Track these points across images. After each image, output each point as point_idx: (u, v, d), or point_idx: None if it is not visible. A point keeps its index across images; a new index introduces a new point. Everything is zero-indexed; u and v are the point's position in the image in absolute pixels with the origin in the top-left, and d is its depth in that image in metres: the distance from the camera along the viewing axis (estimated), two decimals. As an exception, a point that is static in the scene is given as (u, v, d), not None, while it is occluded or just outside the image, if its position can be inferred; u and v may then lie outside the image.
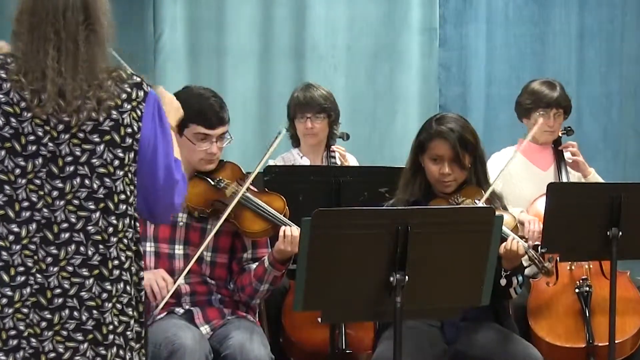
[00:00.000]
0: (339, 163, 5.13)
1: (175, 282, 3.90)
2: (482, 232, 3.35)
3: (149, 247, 4.02)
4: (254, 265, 4.04)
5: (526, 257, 3.88)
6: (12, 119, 2.73)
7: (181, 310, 4.00)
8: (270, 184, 4.26)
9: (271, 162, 4.73)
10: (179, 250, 4.02)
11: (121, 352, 2.80)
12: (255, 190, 4.10)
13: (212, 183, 4.04)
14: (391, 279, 3.22)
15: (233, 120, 4.12)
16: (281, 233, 3.92)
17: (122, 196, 2.80)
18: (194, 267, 3.98)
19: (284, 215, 4.01)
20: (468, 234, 3.36)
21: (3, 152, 2.73)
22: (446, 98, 6.54)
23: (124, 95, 2.79)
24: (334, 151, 5.16)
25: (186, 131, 3.97)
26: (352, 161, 5.27)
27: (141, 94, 2.82)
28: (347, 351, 4.47)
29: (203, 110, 3.97)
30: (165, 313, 3.97)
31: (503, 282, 3.92)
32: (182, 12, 6.31)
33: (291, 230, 3.91)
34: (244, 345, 3.83)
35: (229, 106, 4.08)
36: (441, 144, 4.00)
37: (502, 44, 6.52)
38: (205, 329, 3.96)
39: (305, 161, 5.11)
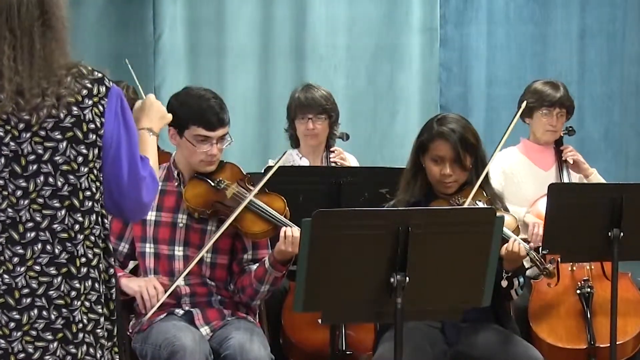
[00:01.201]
0: (339, 163, 5.11)
1: (173, 285, 3.89)
2: (483, 233, 3.34)
3: (149, 248, 4.02)
4: (254, 266, 4.03)
5: (527, 258, 3.87)
6: None
7: (181, 312, 4.00)
8: (270, 185, 4.25)
9: (271, 163, 4.72)
10: (178, 251, 4.01)
11: (91, 350, 2.79)
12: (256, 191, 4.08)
13: (212, 184, 4.03)
14: (392, 279, 3.22)
15: (233, 120, 4.11)
16: (282, 234, 3.92)
17: (88, 193, 2.77)
18: (194, 269, 3.97)
19: (284, 216, 4.01)
20: (469, 235, 3.35)
21: None
22: (447, 98, 6.54)
23: (84, 91, 2.76)
24: (333, 151, 5.15)
25: (186, 133, 3.96)
26: (352, 161, 5.26)
27: (103, 89, 2.79)
28: (348, 352, 4.47)
29: (203, 111, 3.96)
30: (165, 314, 3.96)
31: (504, 283, 3.91)
32: (182, 12, 6.31)
33: (292, 231, 3.90)
34: (244, 346, 3.82)
35: (228, 106, 4.07)
36: (442, 145, 3.99)
37: (502, 44, 6.51)
38: (205, 330, 3.96)
39: (305, 162, 5.11)
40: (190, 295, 4.01)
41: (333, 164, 5.09)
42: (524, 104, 4.79)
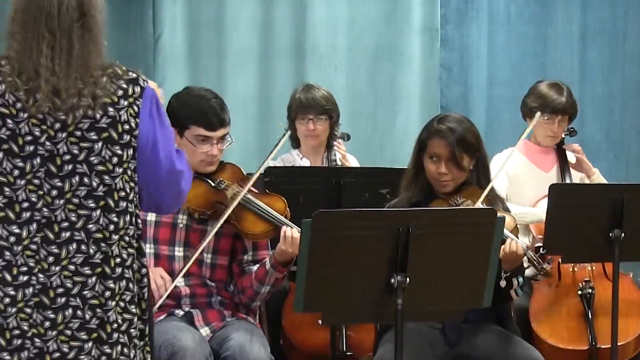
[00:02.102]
0: (339, 163, 5.11)
1: (173, 282, 3.88)
2: (484, 234, 3.33)
3: (149, 248, 4.01)
4: (254, 267, 4.02)
5: (525, 258, 3.87)
6: (9, 121, 2.72)
7: (181, 312, 3.99)
8: (270, 185, 4.26)
9: (271, 163, 4.71)
10: (178, 252, 4.01)
11: (125, 349, 2.81)
12: (256, 191, 4.09)
13: (213, 184, 4.03)
14: (392, 280, 3.21)
15: (233, 121, 4.10)
16: (282, 234, 3.91)
17: (122, 193, 2.79)
18: (194, 269, 3.97)
19: (284, 217, 4.00)
20: (469, 236, 3.35)
21: (1, 155, 2.73)
22: (447, 99, 6.53)
23: (120, 92, 2.78)
24: (336, 145, 5.14)
25: (187, 133, 3.96)
26: (352, 162, 5.26)
27: (138, 89, 2.81)
28: (348, 353, 4.47)
29: (204, 112, 3.95)
30: (164, 315, 3.96)
31: (503, 283, 3.91)
32: (181, 13, 6.30)
33: (292, 232, 3.90)
34: (244, 347, 3.82)
35: (229, 107, 4.07)
36: (438, 143, 3.99)
37: (503, 44, 6.50)
38: (205, 331, 3.95)
39: (306, 162, 5.11)
40: (190, 296, 4.00)
41: (335, 162, 5.08)
42: (537, 115, 4.78)
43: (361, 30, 6.45)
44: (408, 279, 3.21)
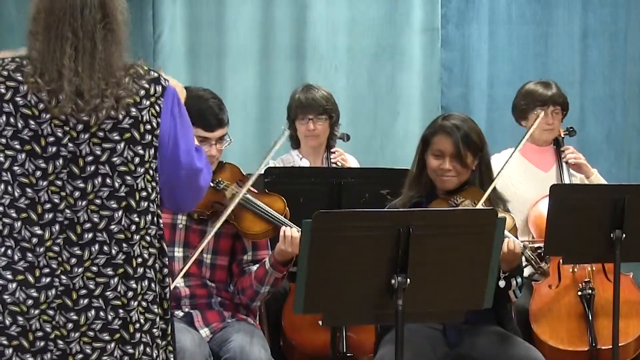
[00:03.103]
0: (339, 164, 5.10)
1: (173, 282, 3.88)
2: (485, 234, 3.33)
3: (148, 249, 4.00)
4: (254, 267, 4.02)
5: (522, 257, 3.87)
6: (31, 121, 2.72)
7: (181, 313, 3.98)
8: (270, 185, 4.25)
9: (271, 164, 4.71)
10: (178, 252, 4.01)
11: (148, 349, 2.80)
12: (256, 191, 4.09)
13: (212, 185, 4.02)
14: (393, 281, 3.21)
15: (233, 121, 4.10)
16: (282, 234, 3.91)
17: (144, 193, 2.79)
18: (194, 270, 3.97)
19: (284, 217, 3.99)
20: (470, 236, 3.34)
21: (23, 155, 2.72)
22: (448, 99, 6.52)
23: (142, 92, 2.78)
24: (334, 152, 5.14)
25: (185, 132, 3.95)
26: (353, 162, 5.25)
27: (159, 89, 2.81)
28: (348, 354, 4.47)
29: (202, 112, 3.95)
30: (164, 316, 3.94)
31: (502, 283, 3.90)
32: (181, 12, 6.30)
33: (291, 231, 3.90)
34: (244, 349, 3.81)
35: (228, 107, 4.07)
36: (443, 139, 3.99)
37: (504, 45, 6.50)
38: (205, 332, 3.95)
39: (305, 163, 5.10)
40: (190, 297, 4.00)
41: (334, 165, 5.08)
42: (541, 115, 4.77)
43: (361, 31, 6.45)
44: (408, 279, 3.20)
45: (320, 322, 3.50)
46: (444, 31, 6.50)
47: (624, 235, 3.99)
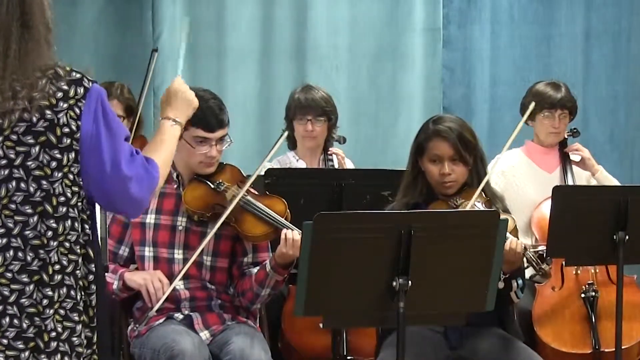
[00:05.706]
0: (336, 166, 5.09)
1: (172, 284, 3.86)
2: (487, 236, 3.32)
3: (148, 251, 4.00)
4: (254, 270, 4.01)
5: (524, 258, 3.85)
6: None
7: (180, 316, 3.98)
8: (271, 187, 4.24)
9: (267, 165, 4.69)
10: (178, 254, 3.99)
11: (66, 358, 2.73)
12: (256, 193, 4.07)
13: (212, 186, 4.01)
14: (394, 283, 3.20)
15: (233, 121, 4.09)
16: (282, 236, 3.89)
17: (62, 198, 2.71)
18: (193, 272, 3.96)
19: (285, 219, 3.98)
20: (472, 238, 3.33)
21: None
22: (450, 99, 6.51)
23: (59, 94, 2.69)
24: (331, 154, 5.12)
25: (185, 134, 3.91)
26: (349, 166, 5.23)
27: (80, 90, 2.71)
28: (349, 357, 4.47)
29: (202, 113, 3.91)
30: (164, 318, 3.95)
31: (501, 285, 3.87)
32: (181, 13, 6.28)
33: (292, 234, 3.88)
34: (245, 351, 3.81)
35: (228, 107, 4.05)
36: (440, 143, 3.97)
37: (506, 45, 6.49)
38: (204, 334, 3.93)
39: (302, 164, 5.09)
40: (189, 300, 3.99)
41: (331, 163, 5.07)
42: (531, 106, 4.73)
43: (363, 31, 6.44)
44: (410, 281, 3.19)
45: (320, 325, 3.47)
46: (446, 31, 6.50)
47: (627, 237, 3.98)
